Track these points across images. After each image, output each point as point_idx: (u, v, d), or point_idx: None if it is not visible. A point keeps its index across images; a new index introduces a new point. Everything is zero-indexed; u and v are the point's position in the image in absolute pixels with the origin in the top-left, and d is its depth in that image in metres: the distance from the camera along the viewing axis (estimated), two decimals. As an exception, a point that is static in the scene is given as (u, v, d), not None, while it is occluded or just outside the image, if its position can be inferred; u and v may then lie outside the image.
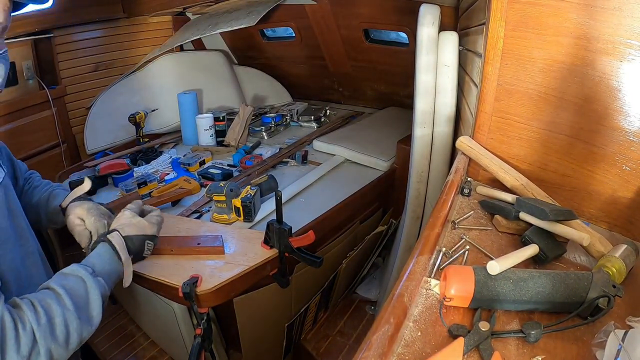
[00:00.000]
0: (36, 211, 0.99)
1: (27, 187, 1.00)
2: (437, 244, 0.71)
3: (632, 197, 0.77)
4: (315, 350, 1.82)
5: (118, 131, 2.24)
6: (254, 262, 1.08)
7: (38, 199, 1.00)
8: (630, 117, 0.73)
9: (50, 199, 1.00)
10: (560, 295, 0.58)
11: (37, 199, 1.00)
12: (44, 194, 1.01)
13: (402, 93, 2.49)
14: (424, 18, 1.36)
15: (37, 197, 1.00)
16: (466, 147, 1.00)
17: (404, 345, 0.54)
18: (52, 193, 1.02)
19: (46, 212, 1.00)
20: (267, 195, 1.48)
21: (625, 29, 0.70)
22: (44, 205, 1.00)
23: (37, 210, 0.99)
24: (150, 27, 2.53)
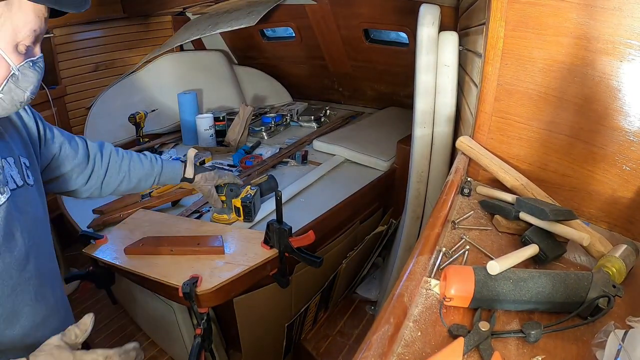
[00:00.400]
0: (142, 178, 1.11)
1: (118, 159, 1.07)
2: (437, 244, 0.71)
3: (632, 197, 0.77)
4: (315, 350, 1.82)
5: (118, 131, 2.24)
6: (254, 262, 1.08)
7: (149, 168, 1.12)
8: (630, 117, 0.73)
9: (166, 170, 1.17)
10: (560, 295, 0.58)
11: (144, 170, 1.11)
12: (152, 165, 1.14)
13: (402, 93, 2.49)
14: (424, 18, 1.36)
15: (143, 168, 1.11)
16: (466, 147, 1.00)
17: (404, 345, 0.54)
18: (164, 164, 1.18)
19: (158, 179, 1.16)
20: (267, 195, 1.48)
21: (625, 29, 0.70)
22: (158, 174, 1.14)
23: (143, 179, 1.12)
24: (150, 27, 2.54)
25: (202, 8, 2.45)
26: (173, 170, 1.18)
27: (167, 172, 1.16)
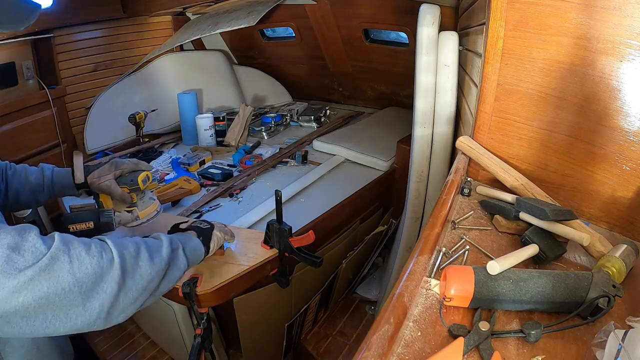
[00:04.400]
0: (34, 190, 1.01)
1: (11, 172, 1.00)
2: (437, 244, 0.71)
3: (632, 197, 0.77)
4: (315, 350, 1.82)
5: (118, 131, 2.24)
6: (254, 262, 1.08)
7: (35, 180, 1.01)
8: (630, 117, 0.73)
9: (57, 179, 1.04)
10: (560, 295, 0.58)
11: (34, 179, 1.01)
12: (41, 173, 1.03)
13: (402, 93, 2.49)
14: (424, 18, 1.36)
15: (33, 177, 1.01)
16: (466, 147, 1.00)
17: (404, 345, 0.54)
18: (54, 171, 1.06)
19: (52, 189, 1.03)
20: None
21: (625, 29, 0.70)
22: (49, 183, 1.02)
23: (36, 189, 1.01)
24: (150, 27, 2.53)
25: (202, 8, 2.45)
26: (64, 177, 1.05)
27: (58, 180, 1.04)
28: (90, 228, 0.95)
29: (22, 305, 0.54)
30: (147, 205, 1.10)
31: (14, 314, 0.54)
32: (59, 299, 0.57)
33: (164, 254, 0.76)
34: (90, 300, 0.60)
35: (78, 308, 0.59)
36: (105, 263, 0.63)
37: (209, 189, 1.71)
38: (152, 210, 1.11)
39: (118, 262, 0.65)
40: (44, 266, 0.56)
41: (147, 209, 1.10)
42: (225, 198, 1.65)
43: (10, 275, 0.53)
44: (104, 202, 1.07)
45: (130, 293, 0.66)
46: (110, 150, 2.17)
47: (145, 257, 0.71)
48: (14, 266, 0.54)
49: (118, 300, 0.63)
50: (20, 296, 0.54)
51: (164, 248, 0.77)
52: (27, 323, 0.56)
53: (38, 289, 0.55)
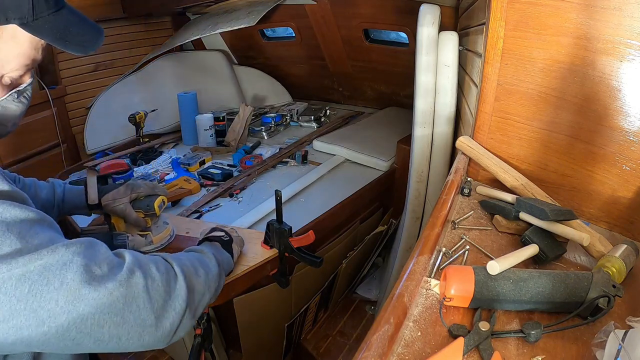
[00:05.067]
0: (43, 207, 0.97)
1: (20, 185, 0.97)
2: (437, 244, 0.71)
3: (632, 197, 0.77)
4: (315, 350, 1.82)
5: (118, 131, 2.24)
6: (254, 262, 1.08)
7: (46, 196, 0.98)
8: (630, 117, 0.73)
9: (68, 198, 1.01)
10: (560, 295, 0.58)
11: (45, 196, 0.98)
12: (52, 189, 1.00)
13: (402, 93, 2.49)
14: (424, 18, 1.36)
15: (44, 194, 0.98)
16: (466, 147, 1.00)
17: (404, 345, 0.54)
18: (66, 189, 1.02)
19: (62, 208, 1.00)
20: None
21: (625, 29, 0.70)
22: (59, 201, 0.99)
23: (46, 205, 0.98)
24: (150, 27, 2.54)
25: (202, 8, 2.45)
26: (77, 196, 1.01)
27: (70, 199, 1.00)
28: None
29: (98, 324, 0.51)
30: (161, 230, 1.09)
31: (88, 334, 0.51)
32: (133, 317, 0.54)
33: (214, 271, 0.76)
34: (162, 319, 0.58)
35: (151, 328, 0.57)
36: (172, 281, 0.62)
37: (209, 189, 1.71)
38: (165, 235, 1.10)
39: (183, 280, 0.64)
40: (123, 280, 0.54)
41: (161, 234, 1.09)
42: (225, 198, 1.65)
43: (90, 285, 0.50)
44: (116, 224, 1.04)
45: (193, 309, 0.65)
46: (110, 150, 2.17)
47: (202, 274, 0.71)
48: (93, 276, 0.51)
49: (184, 317, 0.62)
50: (97, 311, 0.51)
51: (212, 264, 0.77)
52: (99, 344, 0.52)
53: (115, 304, 0.52)
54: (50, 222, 0.55)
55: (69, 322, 0.49)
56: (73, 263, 0.50)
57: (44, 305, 0.47)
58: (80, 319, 0.49)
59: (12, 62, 0.57)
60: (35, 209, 0.53)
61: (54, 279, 0.48)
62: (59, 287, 0.48)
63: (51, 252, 0.49)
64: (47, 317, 0.48)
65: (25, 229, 0.49)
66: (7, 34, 0.54)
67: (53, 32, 0.57)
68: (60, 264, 0.49)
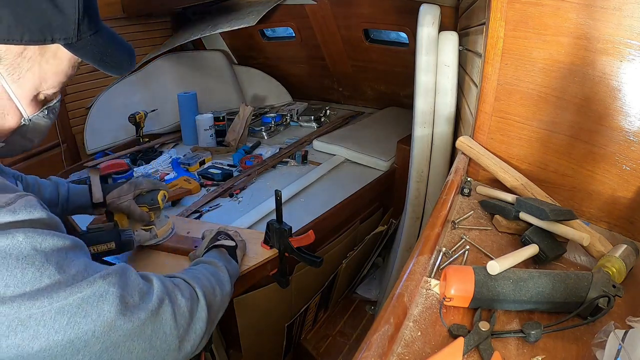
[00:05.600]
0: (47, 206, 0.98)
1: (23, 184, 0.97)
2: (437, 244, 0.71)
3: (632, 197, 0.77)
4: (315, 350, 1.82)
5: (118, 131, 2.24)
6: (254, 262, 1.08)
7: (50, 196, 0.99)
8: (630, 117, 0.73)
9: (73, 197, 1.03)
10: (560, 295, 0.58)
11: (48, 195, 0.99)
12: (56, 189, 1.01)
13: (402, 93, 2.49)
14: (424, 18, 1.36)
15: (47, 193, 0.99)
16: (466, 147, 1.00)
17: (404, 345, 0.54)
18: (70, 189, 1.04)
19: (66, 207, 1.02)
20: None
21: (625, 29, 0.70)
22: (63, 201, 1.01)
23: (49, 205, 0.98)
24: (150, 27, 2.53)
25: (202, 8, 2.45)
26: (81, 196, 1.03)
27: (74, 199, 1.02)
28: (112, 249, 0.94)
29: (128, 350, 0.52)
30: (163, 224, 1.12)
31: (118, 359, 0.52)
32: (159, 342, 0.56)
33: (227, 288, 0.78)
34: (184, 343, 0.60)
35: (175, 352, 0.58)
36: (195, 304, 0.63)
37: (209, 189, 1.71)
38: (168, 228, 1.14)
39: (204, 303, 0.65)
40: (154, 310, 0.55)
41: (164, 228, 1.12)
42: (225, 198, 1.65)
43: (125, 316, 0.52)
44: (120, 221, 1.06)
45: (210, 328, 0.67)
46: (110, 150, 2.17)
47: (219, 293, 0.72)
48: (127, 307, 0.52)
49: (203, 338, 0.64)
50: (128, 340, 0.52)
51: (226, 281, 0.79)
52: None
53: (144, 332, 0.54)
54: (81, 246, 0.55)
55: (102, 350, 0.51)
56: (109, 294, 0.52)
57: (81, 337, 0.49)
58: (113, 347, 0.51)
59: (49, 80, 0.57)
60: (68, 235, 0.53)
61: (92, 311, 0.50)
62: (96, 319, 0.50)
63: (89, 284, 0.51)
64: (82, 347, 0.49)
65: (62, 258, 0.50)
66: (49, 53, 0.55)
67: (93, 53, 0.58)
68: (97, 296, 0.51)
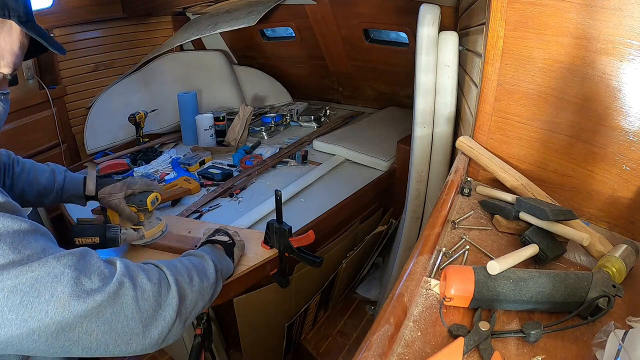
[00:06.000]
0: (41, 192, 1.00)
1: (19, 168, 0.99)
2: (437, 244, 0.71)
3: (632, 197, 0.77)
4: (315, 350, 1.82)
5: (118, 131, 2.24)
6: (254, 262, 1.08)
7: (45, 182, 1.01)
8: (630, 117, 0.73)
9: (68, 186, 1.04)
10: (560, 295, 0.58)
11: (44, 181, 1.00)
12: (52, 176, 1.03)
13: (402, 93, 2.49)
14: (424, 18, 1.36)
15: (43, 179, 1.01)
16: (466, 147, 1.00)
17: (404, 345, 0.54)
18: (66, 177, 1.06)
19: (60, 195, 1.03)
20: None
21: (625, 29, 0.70)
22: (59, 189, 1.03)
23: (44, 192, 1.01)
24: (150, 27, 2.54)
25: (202, 8, 2.45)
26: (76, 186, 1.05)
27: (69, 187, 1.04)
28: (96, 243, 0.95)
29: (85, 332, 0.53)
30: (153, 225, 1.12)
31: (77, 342, 0.53)
32: (121, 326, 0.56)
33: (211, 280, 0.77)
34: (150, 329, 0.60)
35: (138, 337, 0.58)
36: (164, 290, 0.63)
37: (209, 189, 1.71)
38: (157, 230, 1.13)
39: (175, 290, 0.65)
40: (112, 292, 0.55)
41: (153, 229, 1.12)
42: (225, 198, 1.65)
43: (79, 298, 0.52)
44: (111, 217, 1.07)
45: (184, 318, 0.66)
46: (110, 150, 2.17)
47: (197, 283, 0.72)
48: (82, 288, 0.53)
49: (174, 326, 0.64)
50: (85, 321, 0.53)
51: (210, 272, 0.78)
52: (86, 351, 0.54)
53: (103, 314, 0.54)
54: (44, 232, 0.56)
55: (57, 331, 0.51)
56: (64, 275, 0.52)
57: (35, 316, 0.49)
58: (69, 328, 0.52)
59: (6, 58, 0.62)
60: (28, 220, 0.54)
61: (45, 291, 0.50)
62: (49, 299, 0.50)
63: (42, 264, 0.51)
64: (37, 327, 0.49)
65: (18, 239, 0.50)
66: (5, 29, 0.61)
67: (38, 33, 0.64)
68: (51, 277, 0.51)
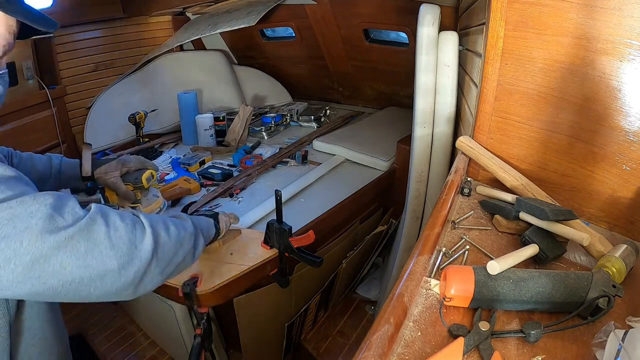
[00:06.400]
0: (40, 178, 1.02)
1: (17, 159, 1.00)
2: (437, 244, 0.71)
3: (632, 197, 0.77)
4: (315, 350, 1.82)
5: (118, 131, 2.24)
6: (254, 262, 1.08)
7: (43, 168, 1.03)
8: (630, 117, 0.73)
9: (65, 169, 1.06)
10: (560, 295, 0.58)
11: (41, 168, 1.02)
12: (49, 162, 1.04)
13: (402, 93, 2.49)
14: (424, 18, 1.36)
15: (40, 165, 1.02)
16: (466, 147, 1.00)
17: (404, 345, 0.54)
18: (62, 161, 1.07)
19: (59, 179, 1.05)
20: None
21: (625, 29, 0.70)
22: (56, 172, 1.04)
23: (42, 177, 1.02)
24: (150, 27, 2.53)
25: (202, 8, 2.45)
26: (72, 168, 1.08)
27: (66, 171, 1.07)
28: None
29: (60, 265, 0.56)
30: (150, 202, 1.13)
31: (52, 274, 0.55)
32: (95, 262, 0.59)
33: (189, 230, 0.80)
34: (126, 267, 0.62)
35: (113, 273, 0.60)
36: (139, 232, 0.66)
37: (209, 189, 1.71)
38: (155, 207, 1.15)
39: (150, 233, 0.67)
40: (83, 226, 0.58)
41: (151, 206, 1.13)
42: (225, 198, 1.65)
43: (51, 232, 0.55)
44: (109, 197, 1.09)
45: (161, 262, 0.68)
46: (110, 150, 2.17)
47: (174, 231, 0.74)
48: (55, 224, 0.56)
49: (150, 268, 0.66)
50: (59, 253, 0.55)
51: (188, 224, 0.81)
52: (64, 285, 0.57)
53: (76, 248, 0.57)
54: (26, 181, 0.60)
55: (32, 261, 0.54)
56: (39, 212, 0.56)
57: (10, 245, 0.53)
58: (44, 258, 0.55)
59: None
60: (12, 168, 0.58)
61: (20, 224, 0.54)
62: (23, 230, 0.54)
63: (20, 202, 0.55)
64: (12, 256, 0.53)
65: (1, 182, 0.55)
66: None
67: (23, 14, 0.66)
68: (27, 213, 0.55)
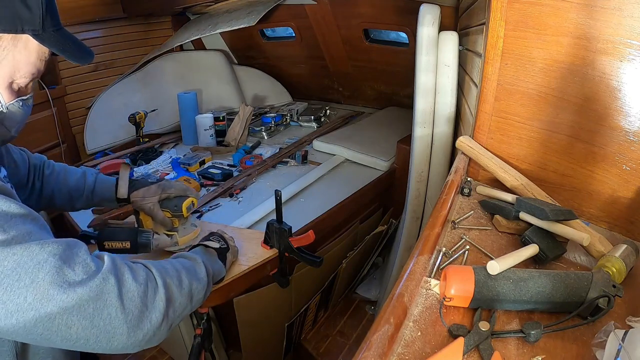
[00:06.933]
0: (71, 194, 0.98)
1: (49, 171, 0.97)
2: (437, 244, 0.71)
3: (632, 197, 0.77)
4: (315, 350, 1.82)
5: (118, 131, 2.24)
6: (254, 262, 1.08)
7: (75, 184, 0.98)
8: (630, 117, 0.73)
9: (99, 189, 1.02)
10: (560, 295, 0.58)
11: (74, 183, 0.98)
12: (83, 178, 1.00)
13: (402, 93, 2.49)
14: (424, 18, 1.36)
15: (73, 181, 0.98)
16: (466, 147, 1.00)
17: (404, 345, 0.54)
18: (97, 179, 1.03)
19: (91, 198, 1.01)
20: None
21: (625, 29, 0.70)
22: (89, 191, 1.00)
23: (74, 194, 0.99)
24: (150, 27, 2.54)
25: (202, 8, 2.45)
26: (107, 188, 1.02)
27: (100, 190, 1.01)
28: (127, 248, 0.91)
29: (66, 325, 0.52)
30: (188, 232, 1.07)
31: (56, 333, 0.52)
32: (103, 323, 0.55)
33: (202, 281, 0.75)
34: (135, 330, 0.58)
35: (122, 337, 0.57)
36: (151, 292, 0.62)
37: (209, 189, 1.71)
38: (192, 237, 1.07)
39: (163, 293, 0.63)
40: (95, 287, 0.54)
41: (188, 236, 1.06)
42: (225, 198, 1.66)
43: (60, 288, 0.51)
44: (144, 221, 1.03)
45: (170, 321, 0.65)
46: (110, 150, 2.17)
47: (186, 285, 0.70)
48: (64, 278, 0.52)
49: (160, 328, 0.62)
50: (65, 313, 0.52)
51: (201, 275, 0.76)
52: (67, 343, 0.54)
53: (84, 309, 0.53)
54: (35, 217, 0.56)
55: (36, 319, 0.50)
56: (47, 263, 0.52)
57: (14, 299, 0.49)
58: (48, 317, 0.51)
59: (22, 70, 0.63)
60: (22, 204, 0.55)
61: (25, 276, 0.50)
62: (29, 285, 0.50)
63: (24, 249, 0.51)
64: (15, 311, 0.49)
65: (5, 220, 0.51)
66: (21, 44, 0.61)
67: (57, 45, 0.64)
68: (34, 263, 0.51)
